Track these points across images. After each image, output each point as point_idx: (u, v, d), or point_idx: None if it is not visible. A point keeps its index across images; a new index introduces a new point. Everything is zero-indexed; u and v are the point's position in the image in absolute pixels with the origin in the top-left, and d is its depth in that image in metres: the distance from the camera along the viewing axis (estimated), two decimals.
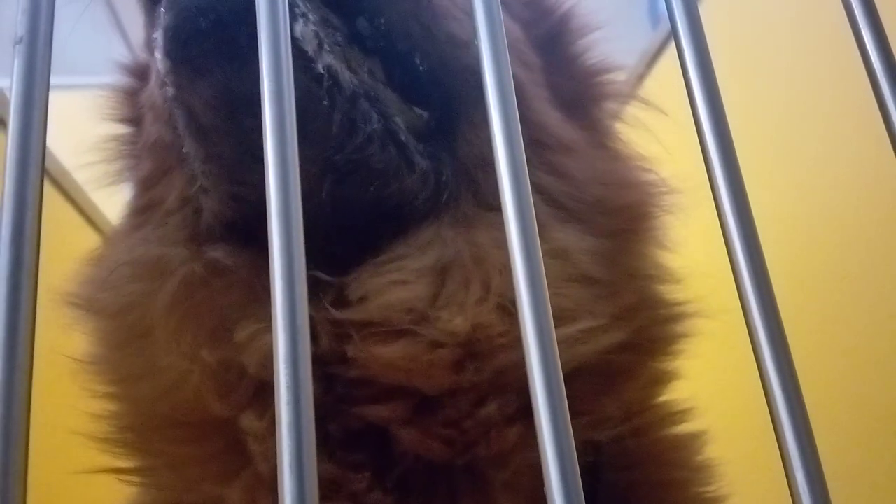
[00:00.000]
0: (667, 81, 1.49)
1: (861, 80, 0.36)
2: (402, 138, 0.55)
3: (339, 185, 0.54)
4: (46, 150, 0.30)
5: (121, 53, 2.41)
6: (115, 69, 0.80)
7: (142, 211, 0.67)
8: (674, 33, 0.39)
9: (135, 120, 0.76)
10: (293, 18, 0.49)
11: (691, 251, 0.71)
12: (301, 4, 0.50)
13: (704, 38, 0.38)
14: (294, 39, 0.48)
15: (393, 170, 0.55)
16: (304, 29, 0.50)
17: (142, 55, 0.79)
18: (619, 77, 0.80)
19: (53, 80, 0.31)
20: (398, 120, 0.56)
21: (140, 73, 0.78)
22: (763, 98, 1.10)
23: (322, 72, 0.51)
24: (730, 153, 0.37)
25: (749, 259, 0.34)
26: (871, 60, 0.35)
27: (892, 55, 0.35)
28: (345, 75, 0.52)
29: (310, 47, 0.50)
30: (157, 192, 0.65)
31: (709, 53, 0.38)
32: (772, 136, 1.08)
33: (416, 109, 0.59)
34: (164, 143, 0.64)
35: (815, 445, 0.32)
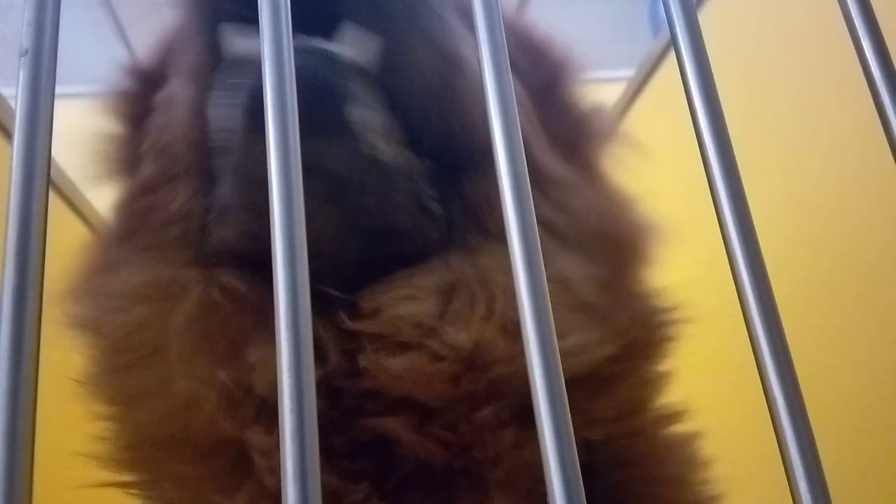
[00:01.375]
0: (667, 88, 1.50)
1: (861, 89, 0.36)
2: (426, 201, 0.59)
3: (364, 245, 0.58)
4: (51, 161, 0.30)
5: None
6: (118, 70, 0.81)
7: (138, 215, 0.67)
8: (673, 42, 0.39)
9: (135, 119, 0.76)
10: (342, 99, 0.53)
11: (681, 273, 0.73)
12: (350, 86, 0.53)
13: (704, 47, 0.38)
14: (342, 118, 0.52)
15: (417, 228, 0.59)
16: (356, 110, 0.53)
17: (146, 61, 0.79)
18: (611, 121, 0.87)
19: (57, 90, 0.32)
20: (424, 185, 0.59)
21: (145, 77, 0.78)
22: (762, 105, 1.10)
23: (369, 151, 0.54)
24: (730, 160, 0.37)
25: (750, 267, 0.35)
26: (870, 68, 0.35)
27: (892, 63, 0.35)
28: (383, 147, 0.55)
29: (359, 127, 0.54)
30: (157, 197, 0.66)
31: (708, 61, 0.38)
32: (771, 144, 1.08)
33: (429, 161, 0.61)
34: (173, 152, 0.64)
35: (817, 451, 0.32)
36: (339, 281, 0.56)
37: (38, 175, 0.28)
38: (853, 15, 0.36)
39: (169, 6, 0.70)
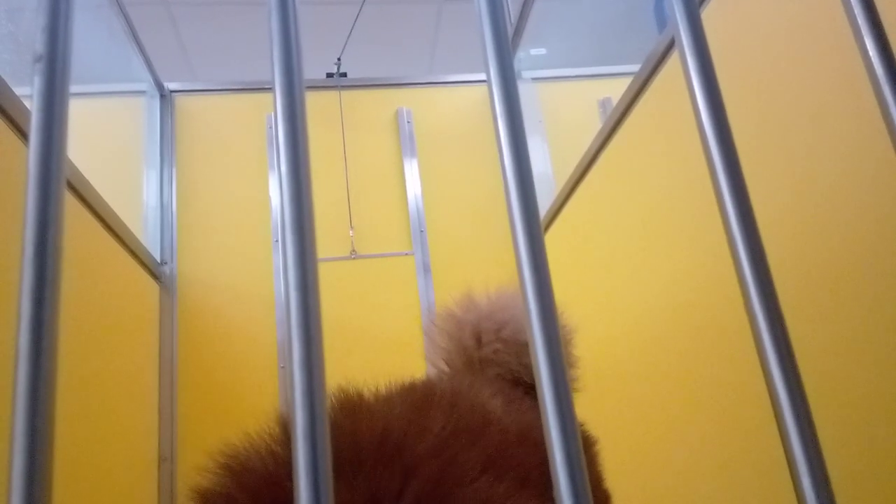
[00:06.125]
0: (673, 84, 1.48)
1: (864, 85, 0.36)
2: None
3: None
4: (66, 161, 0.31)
5: (136, 61, 2.41)
6: None
7: None
8: (676, 40, 0.39)
9: None
10: None
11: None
12: None
13: (706, 44, 0.38)
14: None
15: None
16: None
17: None
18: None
19: (72, 89, 0.32)
20: None
21: None
22: (766, 102, 1.09)
23: None
24: (732, 156, 0.37)
25: (752, 262, 0.35)
26: (873, 65, 0.35)
27: (894, 60, 0.35)
28: None
29: None
30: None
31: (710, 59, 0.38)
32: (775, 139, 1.08)
33: None
34: None
35: (820, 448, 0.32)
36: None
37: (55, 180, 0.29)
38: (856, 12, 0.36)
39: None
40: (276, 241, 2.48)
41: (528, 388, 1.01)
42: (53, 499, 0.27)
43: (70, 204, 1.62)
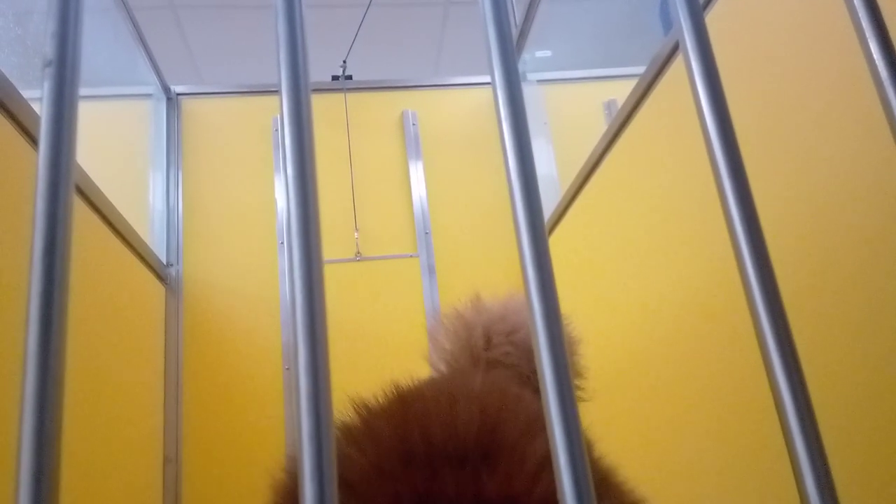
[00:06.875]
0: (678, 85, 1.48)
1: (868, 88, 0.36)
2: None
3: None
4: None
5: (143, 65, 2.42)
6: None
7: None
8: (680, 44, 0.39)
9: None
10: None
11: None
12: None
13: (710, 48, 0.38)
14: None
15: None
16: None
17: None
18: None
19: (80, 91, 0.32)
20: None
21: None
22: (770, 105, 1.09)
23: None
24: (736, 160, 0.37)
25: (756, 264, 0.35)
26: (877, 69, 0.35)
27: None
28: None
29: None
30: None
31: (715, 63, 0.38)
32: (779, 144, 1.08)
33: None
34: None
35: (824, 449, 0.32)
36: None
37: (63, 183, 0.29)
38: (860, 15, 0.36)
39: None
40: (282, 242, 2.49)
41: (536, 390, 1.00)
42: (60, 498, 0.27)
43: (77, 206, 1.63)
